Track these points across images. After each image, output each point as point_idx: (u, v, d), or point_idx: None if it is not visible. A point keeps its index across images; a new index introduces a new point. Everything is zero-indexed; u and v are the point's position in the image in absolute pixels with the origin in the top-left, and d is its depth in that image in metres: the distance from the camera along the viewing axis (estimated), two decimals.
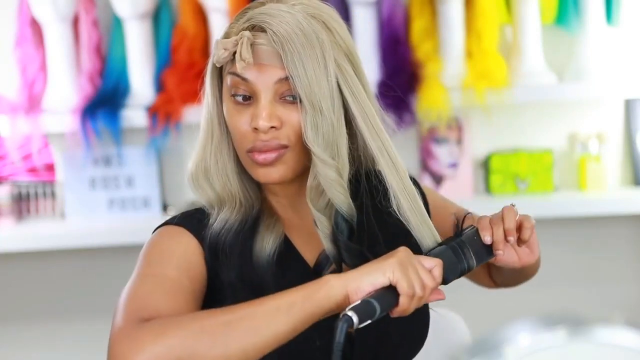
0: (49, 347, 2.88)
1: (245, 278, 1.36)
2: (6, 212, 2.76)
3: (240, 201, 1.40)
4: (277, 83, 1.33)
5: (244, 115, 1.35)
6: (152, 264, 1.35)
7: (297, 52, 1.30)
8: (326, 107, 1.32)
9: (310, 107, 1.31)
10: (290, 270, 1.39)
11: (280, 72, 1.32)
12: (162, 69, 2.72)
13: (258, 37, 1.32)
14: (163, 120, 2.62)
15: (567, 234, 2.83)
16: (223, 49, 1.34)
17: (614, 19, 2.71)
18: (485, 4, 2.64)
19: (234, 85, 1.35)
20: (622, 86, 2.66)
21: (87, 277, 2.86)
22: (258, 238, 1.38)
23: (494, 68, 2.62)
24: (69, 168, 2.77)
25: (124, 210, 2.78)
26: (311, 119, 1.32)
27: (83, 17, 2.71)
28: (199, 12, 2.71)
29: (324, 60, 1.32)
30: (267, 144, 1.33)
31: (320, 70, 1.32)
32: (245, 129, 1.35)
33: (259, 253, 1.37)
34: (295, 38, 1.31)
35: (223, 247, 1.37)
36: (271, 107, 1.33)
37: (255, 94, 1.34)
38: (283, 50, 1.31)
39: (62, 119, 2.66)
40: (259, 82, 1.33)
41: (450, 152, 2.75)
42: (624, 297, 2.84)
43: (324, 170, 1.33)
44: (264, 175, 1.36)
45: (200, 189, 1.41)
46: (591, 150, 2.75)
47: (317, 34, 1.33)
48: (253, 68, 1.33)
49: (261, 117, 1.32)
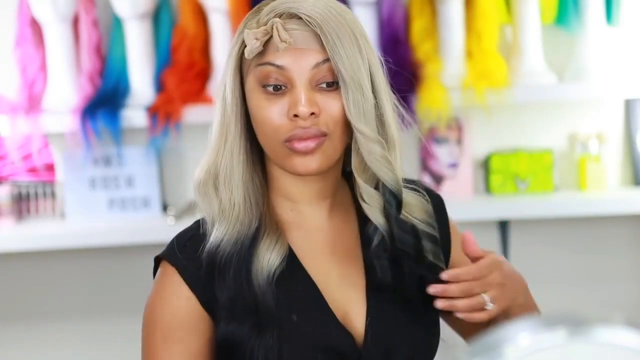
0: (49, 347, 2.88)
1: (240, 298, 1.32)
2: (6, 212, 2.76)
3: (238, 214, 1.35)
4: (314, 68, 1.30)
5: (276, 106, 1.31)
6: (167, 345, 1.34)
7: (335, 32, 1.29)
8: (365, 86, 1.31)
9: (353, 86, 1.30)
10: (294, 289, 1.35)
11: (318, 56, 1.30)
12: (162, 69, 2.72)
13: (290, 24, 1.30)
14: (163, 120, 2.62)
15: (567, 234, 2.83)
16: (255, 39, 1.30)
17: (614, 19, 2.71)
18: (485, 4, 2.64)
19: (265, 76, 1.31)
20: (622, 86, 2.66)
21: (87, 277, 2.86)
22: (258, 256, 1.33)
23: (494, 68, 2.62)
24: (69, 168, 2.77)
25: (124, 210, 2.77)
26: (353, 98, 1.30)
27: (83, 17, 2.71)
28: (199, 12, 2.71)
29: (356, 39, 1.32)
30: (307, 130, 1.30)
31: (355, 50, 1.31)
32: (280, 120, 1.31)
33: (258, 272, 1.33)
34: (330, 20, 1.30)
35: (219, 266, 1.33)
36: (309, 93, 1.30)
37: (291, 81, 1.31)
38: (322, 32, 1.29)
39: (62, 119, 2.66)
40: (295, 68, 1.30)
41: (450, 152, 2.75)
42: (624, 297, 2.83)
43: (368, 147, 1.32)
44: (303, 165, 1.32)
45: (206, 198, 1.36)
46: (591, 150, 2.75)
47: (345, 15, 1.32)
48: (289, 53, 1.30)
49: (301, 104, 1.29)
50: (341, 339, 1.33)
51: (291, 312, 1.32)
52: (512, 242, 2.80)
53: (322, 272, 1.37)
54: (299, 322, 1.32)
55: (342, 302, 1.36)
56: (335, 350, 1.32)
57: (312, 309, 1.34)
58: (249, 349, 1.31)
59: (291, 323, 1.32)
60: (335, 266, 1.38)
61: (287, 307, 1.32)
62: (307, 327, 1.32)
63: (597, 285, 2.83)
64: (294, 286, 1.35)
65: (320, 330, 1.33)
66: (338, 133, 1.32)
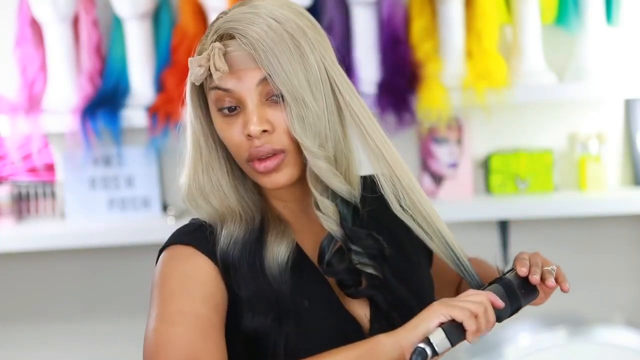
0: (49, 347, 2.88)
1: (260, 292, 1.34)
2: (6, 212, 2.76)
3: (240, 215, 1.37)
4: (259, 85, 1.32)
5: (234, 126, 1.34)
6: (175, 298, 1.30)
7: (269, 48, 1.30)
8: (308, 99, 1.31)
9: (293, 101, 1.31)
10: (303, 276, 1.37)
11: (258, 74, 1.31)
12: (162, 69, 2.72)
13: (229, 45, 1.32)
14: (163, 120, 2.62)
15: (567, 234, 2.82)
16: (198, 66, 1.33)
17: (614, 19, 2.71)
18: (485, 4, 2.64)
19: (218, 99, 1.34)
20: (622, 86, 2.66)
21: (87, 277, 2.86)
22: (268, 249, 1.36)
23: (494, 68, 2.62)
24: (69, 168, 2.77)
25: (124, 210, 2.77)
26: (296, 112, 1.31)
27: (83, 17, 2.71)
28: (199, 12, 2.71)
29: (298, 50, 1.31)
30: (260, 149, 1.32)
31: (295, 61, 1.31)
32: (239, 139, 1.33)
33: (271, 264, 1.35)
34: (265, 35, 1.30)
35: (233, 263, 1.35)
36: (259, 111, 1.32)
37: (241, 101, 1.33)
38: (255, 51, 1.30)
39: (62, 119, 2.66)
40: (240, 89, 1.32)
41: (450, 152, 2.75)
42: (624, 297, 2.83)
43: (314, 162, 1.33)
44: (271, 182, 1.35)
45: (198, 208, 1.39)
46: (591, 150, 2.75)
47: (285, 25, 1.32)
48: (231, 76, 1.32)
49: (252, 122, 1.31)
50: (349, 324, 1.36)
51: (302, 299, 1.34)
52: (512, 242, 2.80)
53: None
54: (311, 307, 1.34)
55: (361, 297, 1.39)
56: (345, 335, 1.34)
57: (320, 295, 1.36)
58: (272, 340, 1.32)
59: (304, 309, 1.34)
60: None
61: (299, 296, 1.34)
62: (319, 314, 1.35)
63: (597, 285, 2.83)
64: (302, 274, 1.37)
65: (330, 317, 1.35)
66: (297, 145, 1.33)
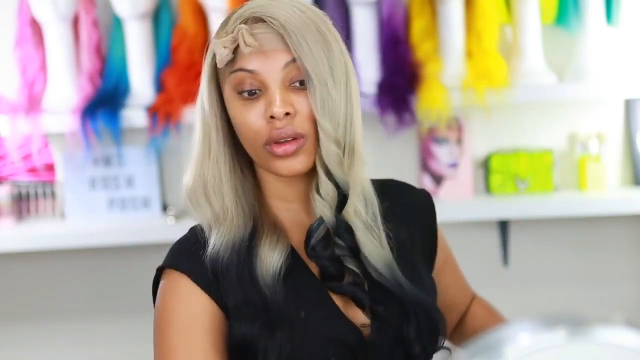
0: (49, 347, 2.88)
1: (247, 299, 1.33)
2: (6, 212, 2.76)
3: (232, 219, 1.37)
4: (284, 68, 1.32)
5: (254, 110, 1.33)
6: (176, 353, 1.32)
7: (299, 31, 1.31)
8: (330, 84, 1.32)
9: (318, 84, 1.31)
10: (299, 285, 1.36)
11: (286, 56, 1.32)
12: (162, 69, 2.72)
13: (255, 28, 1.32)
14: (163, 120, 2.62)
15: (567, 234, 2.82)
16: (223, 47, 1.32)
17: (614, 19, 2.71)
18: (485, 4, 2.64)
19: (239, 82, 1.33)
20: (622, 86, 2.66)
21: (87, 277, 2.86)
22: (260, 257, 1.35)
23: (494, 68, 2.62)
24: (69, 168, 2.77)
25: (124, 210, 2.78)
26: (320, 95, 1.32)
27: (83, 17, 2.71)
28: (199, 12, 2.71)
29: (323, 38, 1.33)
30: (282, 131, 1.31)
31: (320, 47, 1.32)
32: (259, 124, 1.33)
33: (263, 273, 1.34)
34: (292, 18, 1.32)
35: (222, 270, 1.35)
36: (283, 94, 1.32)
37: (264, 84, 1.32)
38: (285, 32, 1.31)
39: (62, 119, 2.66)
40: (266, 71, 1.32)
41: (450, 152, 2.75)
42: (624, 297, 2.84)
43: (326, 144, 1.33)
44: (287, 168, 1.34)
45: (198, 207, 1.39)
46: (591, 150, 2.75)
47: (310, 13, 1.34)
48: (257, 57, 1.32)
49: (275, 104, 1.31)
50: (348, 331, 1.35)
51: (299, 309, 1.34)
52: (512, 242, 2.80)
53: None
54: (307, 318, 1.33)
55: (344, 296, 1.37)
56: (344, 343, 1.33)
57: (318, 304, 1.35)
58: (262, 348, 1.32)
59: (300, 320, 1.33)
60: None
61: (295, 304, 1.34)
62: (316, 322, 1.34)
63: (597, 285, 2.83)
64: (299, 283, 1.36)
65: (328, 325, 1.34)
66: (316, 132, 1.33)
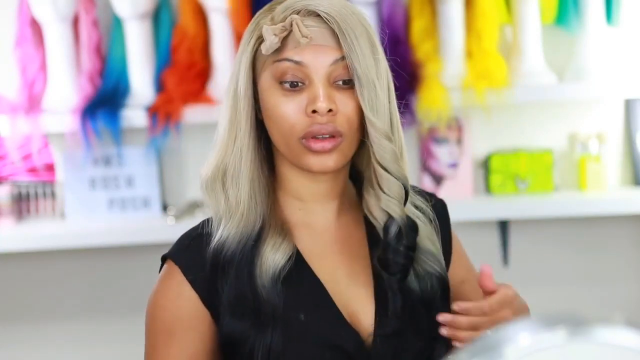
0: (49, 347, 2.88)
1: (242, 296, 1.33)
2: (6, 212, 2.76)
3: (244, 213, 1.35)
4: (332, 65, 1.31)
5: (293, 102, 1.31)
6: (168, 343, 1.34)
7: (352, 30, 1.30)
8: (378, 86, 1.32)
9: (366, 83, 1.30)
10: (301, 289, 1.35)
11: (336, 53, 1.31)
12: (162, 69, 2.72)
13: (307, 20, 1.31)
14: (163, 120, 2.62)
15: (567, 234, 2.82)
16: (273, 35, 1.30)
17: (614, 19, 2.71)
18: (485, 4, 2.64)
19: (283, 72, 1.31)
20: (622, 86, 2.66)
21: (87, 277, 2.86)
22: (262, 258, 1.34)
23: (494, 68, 2.62)
24: (69, 168, 2.77)
25: (124, 210, 2.77)
26: (367, 94, 1.31)
27: (83, 17, 2.71)
28: (199, 12, 2.71)
29: (371, 40, 1.33)
30: (323, 127, 1.30)
31: (369, 50, 1.32)
32: (297, 116, 1.31)
33: (263, 274, 1.33)
34: (347, 18, 1.31)
35: (222, 265, 1.34)
36: (327, 90, 1.31)
37: (309, 77, 1.31)
38: (340, 29, 1.30)
39: (62, 119, 2.66)
40: (313, 65, 1.31)
41: (450, 152, 2.75)
42: (624, 297, 2.83)
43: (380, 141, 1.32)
44: (320, 164, 1.32)
45: (213, 195, 1.36)
46: (591, 150, 2.75)
47: (359, 14, 1.34)
48: (307, 50, 1.31)
49: (319, 99, 1.29)
50: (349, 338, 1.33)
51: (298, 312, 1.33)
52: (512, 242, 2.80)
53: (329, 272, 1.38)
54: (307, 321, 1.32)
55: (350, 301, 1.36)
56: (343, 349, 1.32)
57: (319, 308, 1.34)
58: (249, 346, 1.31)
59: (298, 322, 1.32)
60: (343, 266, 1.38)
61: (294, 307, 1.33)
62: (315, 326, 1.33)
63: (597, 285, 2.83)
64: (301, 286, 1.35)
65: (327, 330, 1.33)
66: (353, 133, 1.32)
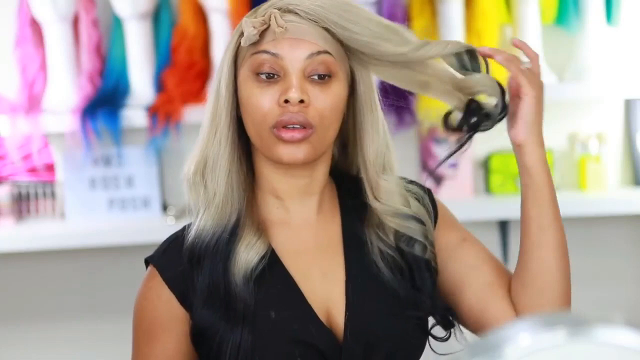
0: (49, 347, 2.88)
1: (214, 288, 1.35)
2: (6, 212, 2.76)
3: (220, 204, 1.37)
4: (308, 58, 1.33)
5: (267, 93, 1.33)
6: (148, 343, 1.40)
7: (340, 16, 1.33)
8: None
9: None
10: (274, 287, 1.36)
11: (312, 47, 1.33)
12: (162, 69, 2.72)
13: (287, 16, 1.34)
14: (163, 120, 2.62)
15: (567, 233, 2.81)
16: (252, 27, 1.33)
17: (614, 19, 2.71)
18: (485, 4, 2.64)
19: (260, 64, 1.34)
20: (622, 86, 2.66)
21: (87, 277, 2.86)
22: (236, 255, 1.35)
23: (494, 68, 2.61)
24: (69, 168, 2.77)
25: (124, 210, 2.78)
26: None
27: (83, 17, 2.71)
28: (199, 12, 2.71)
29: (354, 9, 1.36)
30: (294, 116, 1.32)
31: None
32: (270, 106, 1.33)
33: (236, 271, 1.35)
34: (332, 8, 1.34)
35: (198, 255, 1.37)
36: (301, 82, 1.33)
37: (284, 69, 1.33)
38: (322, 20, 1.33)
39: (62, 119, 2.66)
40: (289, 57, 1.33)
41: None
42: (624, 297, 2.84)
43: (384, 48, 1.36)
44: (289, 154, 1.33)
45: (193, 187, 1.39)
46: (591, 150, 2.75)
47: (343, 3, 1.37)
48: (284, 42, 1.33)
49: (292, 90, 1.32)
50: (320, 335, 1.34)
51: (269, 309, 1.34)
52: (512, 242, 2.80)
53: (303, 270, 1.39)
54: (277, 318, 1.34)
55: (324, 298, 1.37)
56: (315, 346, 1.34)
57: (290, 306, 1.36)
58: (218, 339, 1.34)
59: (269, 320, 1.34)
60: (318, 263, 1.40)
61: (265, 304, 1.34)
62: (285, 323, 1.34)
63: (597, 285, 2.83)
64: (274, 284, 1.36)
65: (298, 327, 1.34)
66: (325, 127, 1.34)
